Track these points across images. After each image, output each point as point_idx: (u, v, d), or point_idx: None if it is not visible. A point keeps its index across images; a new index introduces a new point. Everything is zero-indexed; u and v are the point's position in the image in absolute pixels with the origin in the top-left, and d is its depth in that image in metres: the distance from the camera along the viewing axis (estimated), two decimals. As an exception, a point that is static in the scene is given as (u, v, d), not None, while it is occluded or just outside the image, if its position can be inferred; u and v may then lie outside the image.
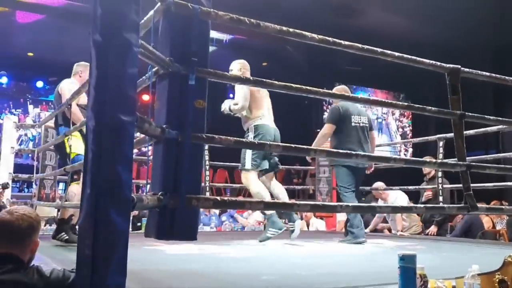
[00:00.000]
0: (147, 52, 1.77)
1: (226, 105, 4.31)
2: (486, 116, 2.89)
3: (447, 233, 6.13)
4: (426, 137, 6.75)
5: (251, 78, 2.20)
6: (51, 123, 5.24)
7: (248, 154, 4.14)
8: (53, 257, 3.04)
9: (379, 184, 6.31)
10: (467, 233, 6.05)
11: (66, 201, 4.09)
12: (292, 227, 4.30)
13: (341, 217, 7.79)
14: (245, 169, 4.17)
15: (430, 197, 5.97)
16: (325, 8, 9.90)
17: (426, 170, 6.24)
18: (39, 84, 12.53)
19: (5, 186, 4.81)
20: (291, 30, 2.22)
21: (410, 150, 14.01)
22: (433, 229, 5.93)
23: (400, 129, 14.59)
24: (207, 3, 2.02)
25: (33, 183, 5.54)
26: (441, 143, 5.74)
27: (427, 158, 5.70)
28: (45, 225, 5.69)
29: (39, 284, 1.61)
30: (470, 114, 2.65)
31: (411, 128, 14.59)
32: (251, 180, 4.16)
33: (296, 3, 9.40)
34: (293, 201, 5.10)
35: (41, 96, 12.77)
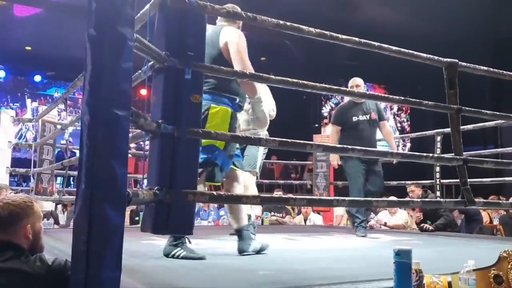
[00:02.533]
0: (142, 46, 1.76)
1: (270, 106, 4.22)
2: (482, 111, 2.88)
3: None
4: (424, 132, 6.76)
5: (247, 72, 2.19)
6: (48, 117, 5.23)
7: (259, 157, 4.12)
8: (50, 251, 3.04)
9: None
10: (470, 227, 6.08)
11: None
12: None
13: (339, 211, 7.82)
14: (256, 171, 4.13)
15: None
16: (324, 3, 9.89)
17: None
18: (37, 78, 12.55)
19: None
20: (288, 24, 2.21)
21: (408, 145, 14.04)
22: (428, 226, 5.89)
23: (398, 124, 14.60)
24: None
25: (31, 177, 5.53)
26: (438, 138, 5.75)
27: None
28: (42, 219, 5.68)
29: (41, 272, 1.62)
30: (467, 108, 2.64)
31: (409, 123, 14.61)
32: (253, 182, 4.14)
33: (295, -1, 9.40)
34: (289, 195, 5.11)
35: (39, 90, 12.76)
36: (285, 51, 11.58)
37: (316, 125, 13.79)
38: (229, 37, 2.81)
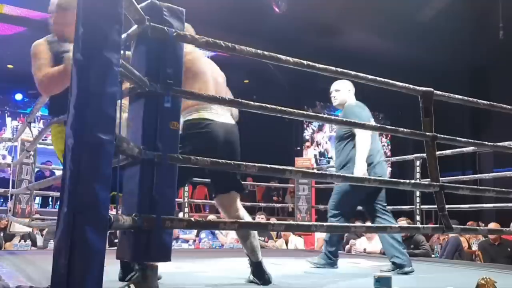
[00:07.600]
0: (126, 71, 1.78)
1: None
2: (457, 138, 2.95)
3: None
4: (404, 156, 6.83)
5: (226, 98, 2.22)
6: (26, 136, 5.18)
7: None
8: (27, 275, 2.99)
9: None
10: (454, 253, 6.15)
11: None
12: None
13: (320, 234, 7.83)
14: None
15: None
16: (310, 28, 10.09)
17: None
18: (18, 96, 12.46)
19: None
20: (266, 53, 2.25)
21: (389, 169, 14.17)
22: None
23: (379, 148, 14.74)
24: (180, 26, 2.02)
25: (9, 198, 5.46)
26: (418, 163, 5.83)
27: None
28: (19, 241, 5.60)
29: None
30: (442, 136, 2.69)
31: (390, 147, 14.77)
32: None
33: (282, 24, 9.55)
34: (269, 221, 5.08)
35: (19, 108, 12.66)
36: (268, 73, 11.70)
37: (298, 147, 13.87)
38: None
